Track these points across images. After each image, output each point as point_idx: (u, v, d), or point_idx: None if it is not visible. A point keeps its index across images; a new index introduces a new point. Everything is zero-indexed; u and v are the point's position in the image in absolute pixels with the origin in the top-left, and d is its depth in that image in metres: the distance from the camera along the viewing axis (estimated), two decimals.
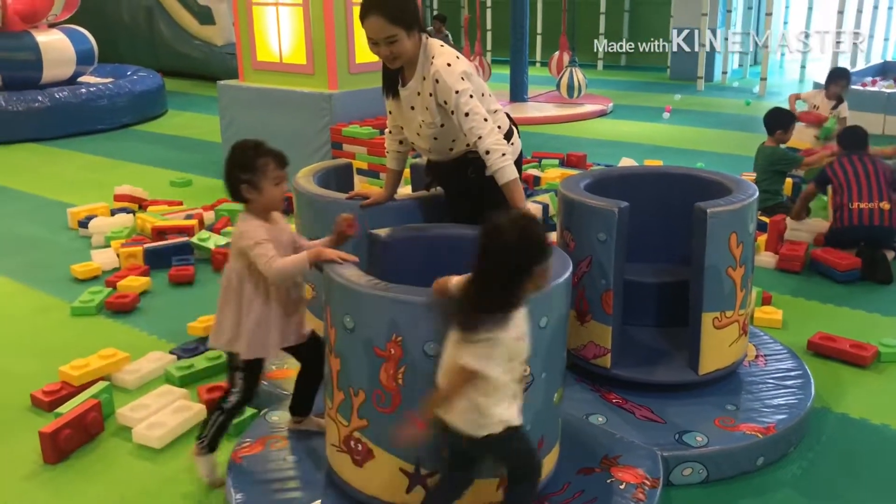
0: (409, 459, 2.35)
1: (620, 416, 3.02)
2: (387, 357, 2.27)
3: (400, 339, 2.25)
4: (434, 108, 2.96)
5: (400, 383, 2.28)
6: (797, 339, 3.85)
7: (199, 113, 10.90)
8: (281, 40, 6.64)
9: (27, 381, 3.53)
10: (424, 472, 2.35)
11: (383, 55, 2.91)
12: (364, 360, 2.32)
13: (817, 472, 2.88)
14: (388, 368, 2.28)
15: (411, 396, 2.26)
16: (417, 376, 2.26)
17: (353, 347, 2.35)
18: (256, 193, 2.66)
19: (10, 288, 4.75)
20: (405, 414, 2.26)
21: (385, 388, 2.30)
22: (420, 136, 3.09)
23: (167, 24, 13.89)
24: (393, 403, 2.30)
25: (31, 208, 6.44)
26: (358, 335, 2.32)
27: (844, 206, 4.83)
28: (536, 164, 7.14)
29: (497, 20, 15.61)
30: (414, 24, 2.88)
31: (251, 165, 2.66)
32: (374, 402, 2.33)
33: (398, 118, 3.16)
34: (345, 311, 2.35)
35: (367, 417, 2.37)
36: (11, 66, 9.42)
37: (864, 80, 10.35)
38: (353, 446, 2.43)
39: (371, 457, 2.40)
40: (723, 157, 7.86)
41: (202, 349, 3.77)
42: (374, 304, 2.29)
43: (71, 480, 2.88)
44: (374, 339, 2.28)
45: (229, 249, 2.74)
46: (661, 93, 12.31)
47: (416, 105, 3.01)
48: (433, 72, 2.90)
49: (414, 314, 2.23)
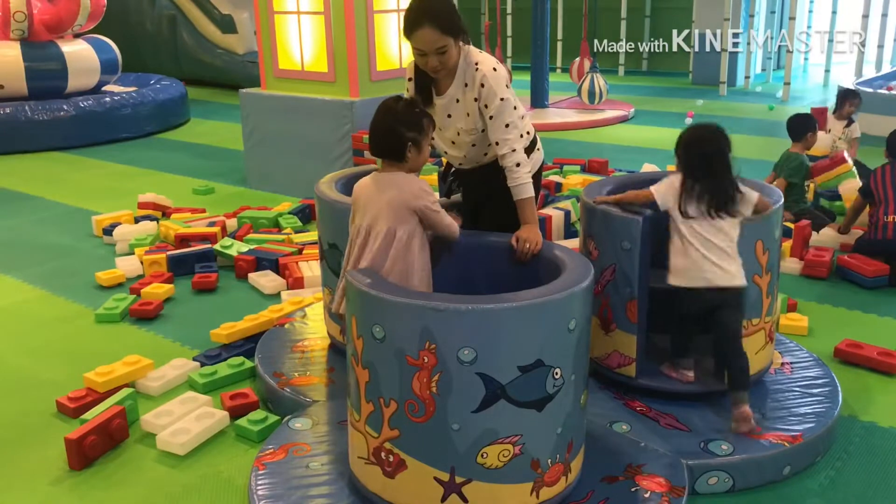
0: (443, 468, 2.33)
1: (645, 425, 2.99)
2: (420, 366, 2.26)
3: (434, 347, 2.23)
4: (476, 114, 2.96)
5: (434, 392, 2.26)
6: (823, 347, 3.80)
7: (221, 121, 10.98)
8: (303, 48, 6.67)
9: (53, 388, 3.56)
10: (459, 480, 2.33)
11: (431, 66, 2.89)
12: (395, 370, 2.30)
13: (845, 482, 2.84)
14: (422, 377, 2.26)
15: (446, 404, 2.25)
16: (452, 384, 2.25)
17: (384, 357, 2.32)
18: (416, 153, 2.65)
19: (36, 295, 4.80)
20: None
21: (419, 397, 2.28)
22: (456, 144, 3.08)
23: (190, 33, 14.01)
24: (427, 412, 2.28)
25: (56, 216, 6.51)
26: (388, 345, 2.30)
27: (880, 218, 4.78)
28: (558, 170, 7.12)
29: (517, 27, 15.62)
30: (460, 33, 2.90)
31: (418, 124, 2.64)
32: (406, 412, 2.31)
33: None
34: (374, 321, 2.32)
35: (399, 428, 2.34)
36: (37, 76, 9.54)
37: (891, 84, 10.25)
38: (383, 458, 2.40)
39: (403, 467, 2.37)
40: (746, 162, 7.75)
41: (225, 356, 3.79)
42: (405, 312, 2.27)
43: (96, 487, 2.90)
44: (407, 348, 2.26)
45: (389, 207, 2.62)
46: (684, 98, 12.24)
47: (455, 113, 3.00)
48: (480, 77, 2.91)
49: (448, 321, 2.22)
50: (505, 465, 2.33)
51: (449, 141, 3.10)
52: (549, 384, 2.33)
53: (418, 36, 2.83)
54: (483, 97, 2.92)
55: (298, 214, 6.00)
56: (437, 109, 3.02)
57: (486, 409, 2.27)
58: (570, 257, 2.66)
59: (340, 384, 3.32)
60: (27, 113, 9.10)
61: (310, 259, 4.91)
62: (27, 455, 3.11)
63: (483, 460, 2.32)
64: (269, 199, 6.73)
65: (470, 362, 2.22)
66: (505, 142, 2.93)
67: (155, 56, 14.27)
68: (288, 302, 4.31)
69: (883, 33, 12.77)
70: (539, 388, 2.32)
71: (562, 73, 14.82)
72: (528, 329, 2.28)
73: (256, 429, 3.13)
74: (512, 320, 2.26)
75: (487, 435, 2.30)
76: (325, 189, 3.50)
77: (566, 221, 5.38)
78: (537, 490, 2.41)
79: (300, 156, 6.73)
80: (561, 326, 2.34)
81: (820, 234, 5.27)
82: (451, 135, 3.06)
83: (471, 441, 2.29)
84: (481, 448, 2.30)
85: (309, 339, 3.77)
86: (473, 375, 2.24)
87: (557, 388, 2.35)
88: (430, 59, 2.86)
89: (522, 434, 2.33)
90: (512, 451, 2.33)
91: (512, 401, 2.28)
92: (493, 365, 2.25)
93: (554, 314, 2.33)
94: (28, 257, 5.47)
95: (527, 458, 2.36)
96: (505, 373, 2.26)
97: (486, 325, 2.23)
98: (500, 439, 2.31)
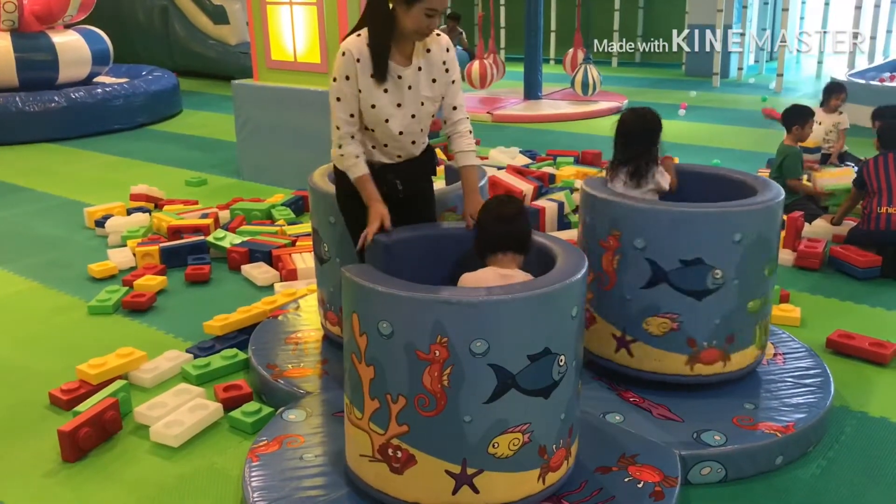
0: (455, 460, 2.33)
1: (638, 415, 3.00)
2: (431, 360, 2.25)
3: (446, 341, 2.22)
4: (441, 80, 2.90)
5: (445, 385, 2.26)
6: (816, 337, 3.82)
7: (213, 112, 10.94)
8: (295, 39, 6.65)
9: (45, 380, 3.55)
10: (471, 472, 2.34)
11: (431, 28, 2.76)
12: (404, 365, 2.29)
13: (837, 472, 2.86)
14: (433, 371, 2.25)
15: (457, 397, 2.26)
16: (465, 376, 2.25)
17: (392, 353, 2.31)
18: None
19: (28, 287, 4.78)
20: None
21: (430, 391, 2.28)
22: (416, 118, 2.89)
23: (182, 23, 13.93)
24: (438, 406, 2.28)
25: (48, 208, 6.48)
26: (397, 340, 2.29)
27: (873, 209, 4.79)
28: (551, 161, 7.12)
29: (511, 17, 15.56)
30: None
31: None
32: (416, 407, 2.30)
33: (384, 111, 2.83)
34: (380, 317, 2.30)
35: (408, 423, 2.33)
36: (28, 67, 9.48)
37: (882, 76, 10.27)
38: (391, 454, 2.39)
39: (413, 463, 2.37)
40: (739, 153, 7.82)
41: (218, 348, 3.78)
42: (416, 307, 2.26)
43: (89, 479, 2.90)
44: (417, 342, 2.26)
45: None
46: (677, 90, 12.25)
47: (420, 82, 2.86)
48: (444, 41, 2.90)
49: (460, 314, 2.22)
50: (515, 454, 2.35)
51: (405, 119, 2.87)
52: (555, 371, 2.35)
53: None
54: (449, 60, 2.91)
55: (291, 206, 5.98)
56: (400, 83, 2.82)
57: (497, 399, 2.28)
58: (559, 245, 2.66)
59: (334, 375, 3.32)
60: (18, 104, 9.05)
61: (303, 251, 4.91)
62: (20, 447, 3.10)
63: (494, 450, 2.33)
64: (261, 191, 6.72)
65: (482, 354, 2.22)
66: (461, 106, 2.96)
67: (147, 47, 14.20)
68: (281, 293, 4.31)
69: (875, 25, 12.78)
70: (546, 376, 2.33)
71: (555, 64, 14.81)
72: (538, 318, 2.29)
73: (250, 420, 3.13)
74: (523, 310, 2.27)
75: (499, 425, 2.31)
76: (318, 180, 3.50)
77: (559, 213, 5.39)
78: (544, 476, 2.43)
79: (293, 147, 6.71)
80: (566, 314, 2.36)
81: (812, 225, 5.29)
82: (411, 110, 2.86)
83: (482, 432, 2.30)
84: (492, 438, 2.31)
85: (302, 330, 3.77)
86: (485, 367, 2.25)
87: (562, 375, 2.37)
88: (433, 21, 2.74)
89: (531, 422, 2.35)
90: (521, 439, 2.34)
91: (522, 390, 2.29)
92: (505, 355, 2.26)
93: (560, 302, 2.34)
94: (20, 249, 5.45)
95: (535, 446, 2.38)
96: (515, 362, 2.27)
97: (497, 316, 2.23)
98: (510, 428, 2.32)
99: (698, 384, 3.12)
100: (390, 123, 2.86)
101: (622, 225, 3.02)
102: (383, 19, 2.75)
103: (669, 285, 2.98)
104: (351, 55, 2.77)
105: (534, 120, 9.99)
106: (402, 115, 2.87)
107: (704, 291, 2.96)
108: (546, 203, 5.37)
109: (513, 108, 10.37)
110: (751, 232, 2.94)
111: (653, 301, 3.02)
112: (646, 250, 2.98)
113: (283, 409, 3.09)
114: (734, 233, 2.91)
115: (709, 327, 3.02)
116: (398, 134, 2.89)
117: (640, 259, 2.99)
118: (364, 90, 2.80)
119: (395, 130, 2.88)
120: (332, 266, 3.40)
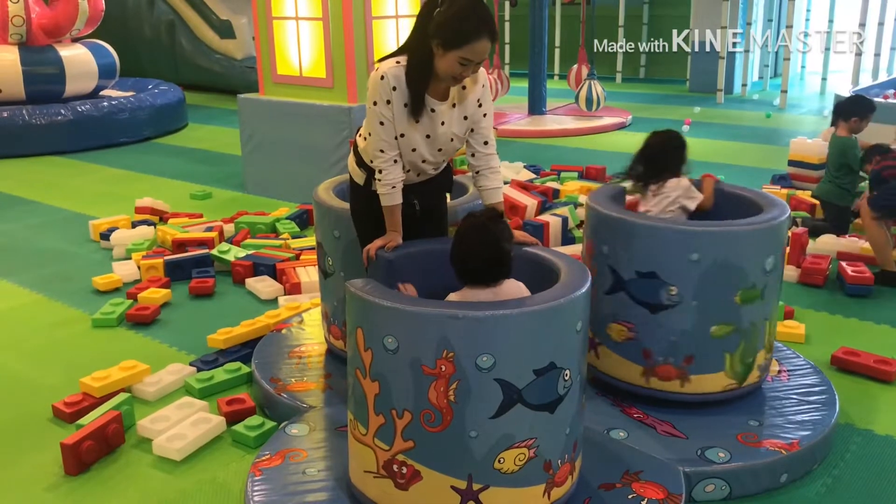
0: (460, 476, 2.32)
1: (642, 431, 2.99)
2: (437, 375, 2.24)
3: (452, 356, 2.22)
4: (473, 116, 2.89)
5: (452, 400, 2.25)
6: (820, 354, 3.81)
7: (219, 126, 10.98)
8: (301, 54, 6.68)
9: (49, 393, 3.55)
10: (477, 487, 2.33)
11: (463, 76, 2.73)
12: (410, 381, 2.28)
13: (842, 490, 2.84)
14: (439, 386, 2.25)
15: (463, 412, 2.25)
16: (471, 391, 2.24)
17: (397, 368, 2.30)
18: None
19: (32, 300, 4.79)
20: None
21: (435, 406, 2.27)
22: (442, 151, 2.93)
23: (188, 38, 14.01)
24: (444, 421, 2.27)
25: (54, 221, 6.50)
26: (402, 355, 2.28)
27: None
28: (555, 176, 7.13)
29: (515, 33, 15.62)
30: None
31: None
32: (422, 423, 2.29)
33: (412, 140, 2.85)
34: (386, 332, 2.30)
35: (413, 438, 2.32)
36: (35, 80, 9.53)
37: (886, 93, 10.27)
38: (396, 470, 2.38)
39: (418, 478, 2.36)
40: (744, 169, 7.82)
41: (222, 361, 3.78)
42: (422, 322, 2.25)
43: (91, 492, 2.89)
44: (423, 357, 2.25)
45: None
46: (681, 105, 12.25)
47: (451, 118, 2.87)
48: (482, 78, 2.88)
49: (467, 328, 2.21)
50: (521, 469, 2.34)
51: (434, 150, 2.90)
52: (560, 386, 2.34)
53: (479, 46, 2.63)
54: (483, 96, 2.89)
55: (296, 220, 6.00)
56: (432, 118, 2.85)
57: (503, 414, 2.27)
58: (562, 260, 2.66)
59: (338, 390, 3.32)
60: (25, 117, 9.10)
61: (307, 264, 4.91)
62: (23, 460, 3.10)
63: (500, 465, 2.32)
64: (266, 205, 6.73)
65: (488, 369, 2.22)
66: (493, 142, 2.95)
67: (153, 61, 14.28)
68: (285, 307, 4.31)
69: (879, 42, 12.80)
70: (552, 391, 2.33)
71: (559, 79, 14.84)
72: (544, 333, 2.29)
73: (253, 434, 3.13)
74: (529, 325, 2.26)
75: (504, 440, 2.30)
76: (322, 194, 3.50)
77: (563, 228, 5.39)
78: (549, 491, 2.42)
79: (298, 161, 6.74)
80: (570, 328, 2.36)
81: (817, 241, 5.28)
82: (439, 144, 2.89)
83: (488, 447, 2.29)
84: (498, 454, 2.30)
85: (306, 344, 3.77)
86: (492, 382, 2.24)
87: (567, 390, 2.36)
88: (468, 70, 2.71)
89: (537, 437, 2.34)
90: (527, 454, 2.33)
91: (528, 404, 2.29)
92: (511, 370, 2.25)
93: (565, 316, 2.34)
94: (25, 262, 5.47)
95: (540, 461, 2.37)
96: (521, 377, 2.27)
97: (504, 331, 2.23)
98: (516, 443, 2.31)
99: (686, 402, 3.10)
100: (417, 152, 2.87)
101: (595, 232, 3.20)
102: (423, 56, 2.72)
103: (627, 294, 3.07)
104: (388, 82, 2.75)
105: (538, 135, 10.01)
106: (429, 146, 2.88)
107: (659, 306, 3.01)
108: (550, 218, 5.38)
109: (517, 123, 10.39)
110: (709, 254, 2.92)
111: (613, 307, 3.12)
112: (608, 257, 3.11)
113: (286, 424, 3.09)
114: (690, 252, 2.93)
115: (664, 343, 3.04)
116: (421, 162, 2.92)
117: (605, 265, 3.12)
118: (396, 118, 2.79)
119: (420, 159, 2.90)
120: (336, 280, 3.40)
